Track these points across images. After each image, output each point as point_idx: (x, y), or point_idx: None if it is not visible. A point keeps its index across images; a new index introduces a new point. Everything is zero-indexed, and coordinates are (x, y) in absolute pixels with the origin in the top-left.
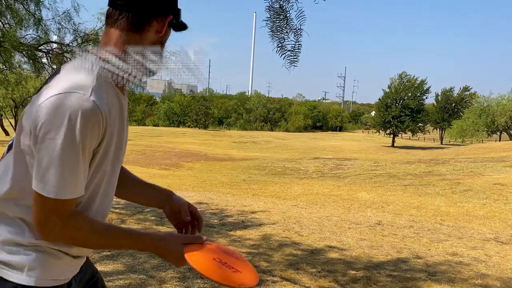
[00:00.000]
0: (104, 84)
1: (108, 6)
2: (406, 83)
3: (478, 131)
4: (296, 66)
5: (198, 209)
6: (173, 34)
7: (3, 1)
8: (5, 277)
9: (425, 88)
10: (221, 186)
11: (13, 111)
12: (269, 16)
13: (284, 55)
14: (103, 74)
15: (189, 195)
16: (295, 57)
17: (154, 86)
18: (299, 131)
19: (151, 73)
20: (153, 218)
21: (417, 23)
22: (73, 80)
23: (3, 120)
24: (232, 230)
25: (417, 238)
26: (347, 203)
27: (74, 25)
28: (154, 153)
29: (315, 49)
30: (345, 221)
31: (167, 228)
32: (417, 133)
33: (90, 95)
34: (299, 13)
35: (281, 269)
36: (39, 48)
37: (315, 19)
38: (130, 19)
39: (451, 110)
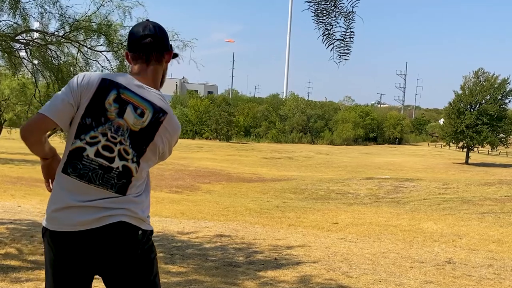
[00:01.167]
0: None
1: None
2: (484, 83)
3: None
4: (347, 59)
5: (219, 243)
6: (187, 19)
7: None
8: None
9: (507, 89)
10: (248, 214)
11: None
12: None
13: (332, 45)
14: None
15: (207, 226)
16: (346, 47)
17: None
18: (347, 144)
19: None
20: (161, 255)
21: (500, 5)
22: None
23: None
24: (262, 270)
25: (498, 280)
26: (408, 236)
27: (61, 9)
28: (163, 172)
29: (369, 39)
30: (405, 259)
31: (179, 268)
32: (498, 147)
33: None
34: None
35: None
36: (16, 38)
37: (368, 1)
38: (156, 56)
39: None
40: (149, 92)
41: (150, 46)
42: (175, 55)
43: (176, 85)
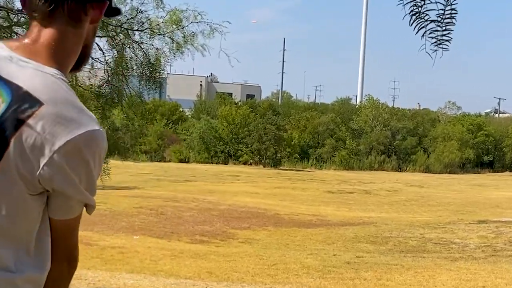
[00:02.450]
0: None
1: None
2: None
3: None
4: (446, 49)
5: None
6: None
7: None
8: None
9: None
10: (306, 275)
11: None
12: None
13: (423, 29)
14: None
15: None
16: (444, 33)
17: (180, 87)
18: (450, 172)
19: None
20: None
21: None
22: None
23: None
24: None
25: None
26: None
27: None
28: (181, 213)
29: (479, 18)
30: None
31: None
32: None
33: None
34: None
35: None
36: None
37: None
38: (68, 9)
39: None
40: (18, 68)
41: None
42: (114, 12)
43: (201, 85)
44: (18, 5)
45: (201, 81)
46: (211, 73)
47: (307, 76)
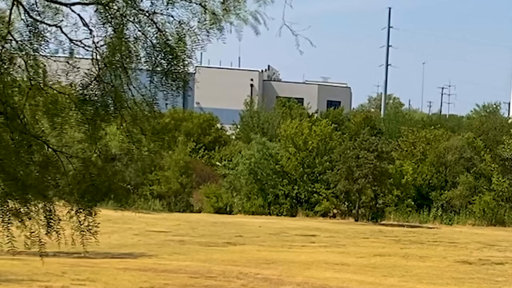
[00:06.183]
0: None
1: None
2: None
3: None
4: None
5: None
6: None
7: None
8: None
9: None
10: None
11: None
12: None
13: None
14: None
15: None
16: None
17: (217, 90)
18: None
19: None
20: None
21: None
22: None
23: None
24: None
25: None
26: None
27: None
28: None
29: None
30: None
31: None
32: None
33: None
34: None
35: None
36: None
37: None
38: None
39: None
40: None
41: None
42: None
43: (251, 85)
44: None
45: (251, 79)
46: (268, 66)
47: (427, 71)
